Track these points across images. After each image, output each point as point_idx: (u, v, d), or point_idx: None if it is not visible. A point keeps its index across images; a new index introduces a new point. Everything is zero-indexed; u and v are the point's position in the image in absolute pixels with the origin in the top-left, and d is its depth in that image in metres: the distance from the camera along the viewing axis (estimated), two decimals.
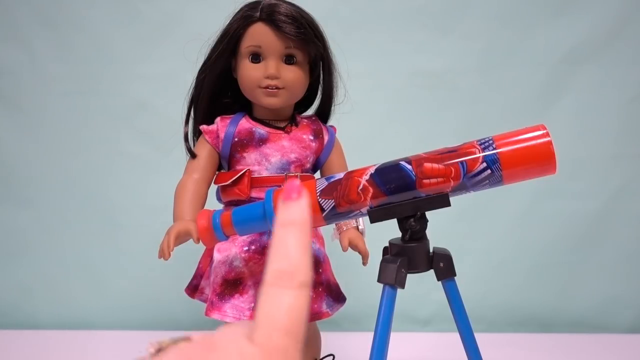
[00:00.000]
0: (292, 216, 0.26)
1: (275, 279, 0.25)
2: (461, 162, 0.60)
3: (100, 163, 1.16)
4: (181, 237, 0.68)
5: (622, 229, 1.16)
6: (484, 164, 0.59)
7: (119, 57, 1.13)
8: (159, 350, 0.26)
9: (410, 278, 0.62)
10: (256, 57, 0.71)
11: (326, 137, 0.77)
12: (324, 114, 0.79)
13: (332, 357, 0.78)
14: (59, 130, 1.15)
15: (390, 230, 0.64)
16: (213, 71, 0.73)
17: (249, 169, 0.72)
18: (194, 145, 0.76)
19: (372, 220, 0.63)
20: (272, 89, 0.71)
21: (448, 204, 0.61)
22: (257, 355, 0.24)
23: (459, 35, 1.13)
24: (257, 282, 0.72)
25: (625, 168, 1.15)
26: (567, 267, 1.17)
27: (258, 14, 0.70)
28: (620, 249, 1.16)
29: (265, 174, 0.72)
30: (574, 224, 1.16)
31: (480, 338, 0.67)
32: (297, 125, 0.75)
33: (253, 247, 0.72)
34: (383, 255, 0.65)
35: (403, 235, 0.63)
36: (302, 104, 0.79)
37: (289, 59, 0.72)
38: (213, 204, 0.75)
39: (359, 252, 0.72)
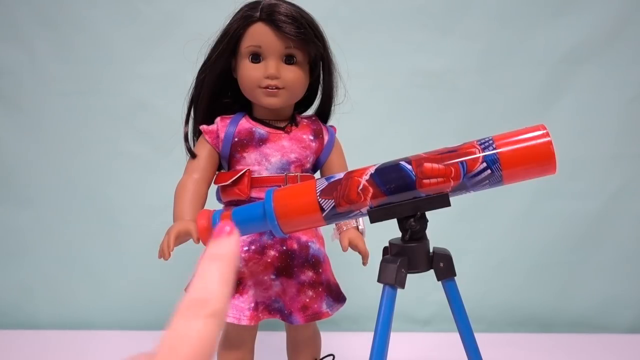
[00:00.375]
0: (220, 250, 0.27)
1: (186, 308, 0.25)
2: (461, 162, 0.60)
3: (101, 163, 1.16)
4: (181, 237, 0.68)
5: (622, 229, 1.16)
6: (484, 164, 0.59)
7: (119, 57, 1.13)
8: None
9: (410, 278, 0.62)
10: (256, 57, 0.71)
11: (326, 137, 0.77)
12: (324, 114, 0.79)
13: (332, 357, 0.78)
14: (59, 130, 1.15)
15: (390, 230, 0.64)
16: (213, 71, 0.73)
17: (249, 169, 0.72)
18: (194, 145, 0.76)
19: (372, 220, 0.63)
20: (272, 89, 0.71)
21: (448, 204, 0.61)
22: None
23: (459, 35, 1.13)
24: (257, 282, 0.72)
25: (625, 168, 1.15)
26: (567, 267, 1.17)
27: (258, 14, 0.70)
28: (620, 249, 1.16)
29: (265, 174, 0.72)
30: (574, 224, 1.16)
31: (480, 338, 0.67)
32: (297, 125, 0.75)
33: (253, 247, 0.72)
34: (383, 255, 0.65)
35: (403, 235, 0.63)
36: (302, 104, 0.79)
37: (289, 59, 0.72)
38: (213, 204, 0.75)
39: (359, 252, 0.72)
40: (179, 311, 0.25)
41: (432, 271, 0.64)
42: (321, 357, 0.79)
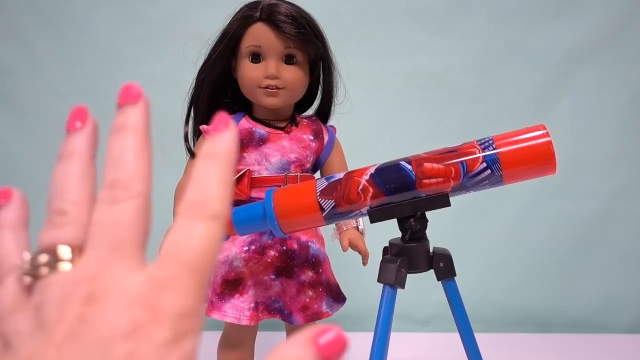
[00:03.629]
0: (216, 149, 0.25)
1: (186, 210, 0.24)
2: (461, 162, 0.60)
3: (102, 163, 1.16)
4: None
5: (621, 229, 1.16)
6: (484, 164, 0.59)
7: (120, 58, 1.13)
8: (34, 276, 0.24)
9: (410, 278, 0.63)
10: (256, 57, 0.71)
11: (326, 137, 0.77)
12: (324, 114, 0.79)
13: None
14: (60, 130, 1.13)
15: (390, 230, 0.64)
16: (213, 71, 0.73)
17: (249, 169, 0.72)
18: (194, 145, 0.76)
19: (372, 220, 0.63)
20: (272, 89, 0.71)
21: (448, 204, 0.61)
22: (141, 283, 0.22)
23: (459, 35, 1.13)
24: (257, 282, 0.72)
25: (625, 168, 1.15)
26: (567, 267, 1.17)
27: (258, 14, 0.70)
28: (620, 249, 1.16)
29: (265, 174, 0.72)
30: (573, 224, 1.16)
31: (480, 338, 0.67)
32: (297, 125, 0.75)
33: (253, 247, 0.72)
34: (383, 255, 0.66)
35: (403, 235, 0.63)
36: (302, 104, 0.79)
37: (289, 59, 0.72)
38: None
39: (359, 252, 0.72)
40: (178, 214, 0.24)
41: (432, 271, 0.64)
42: None
